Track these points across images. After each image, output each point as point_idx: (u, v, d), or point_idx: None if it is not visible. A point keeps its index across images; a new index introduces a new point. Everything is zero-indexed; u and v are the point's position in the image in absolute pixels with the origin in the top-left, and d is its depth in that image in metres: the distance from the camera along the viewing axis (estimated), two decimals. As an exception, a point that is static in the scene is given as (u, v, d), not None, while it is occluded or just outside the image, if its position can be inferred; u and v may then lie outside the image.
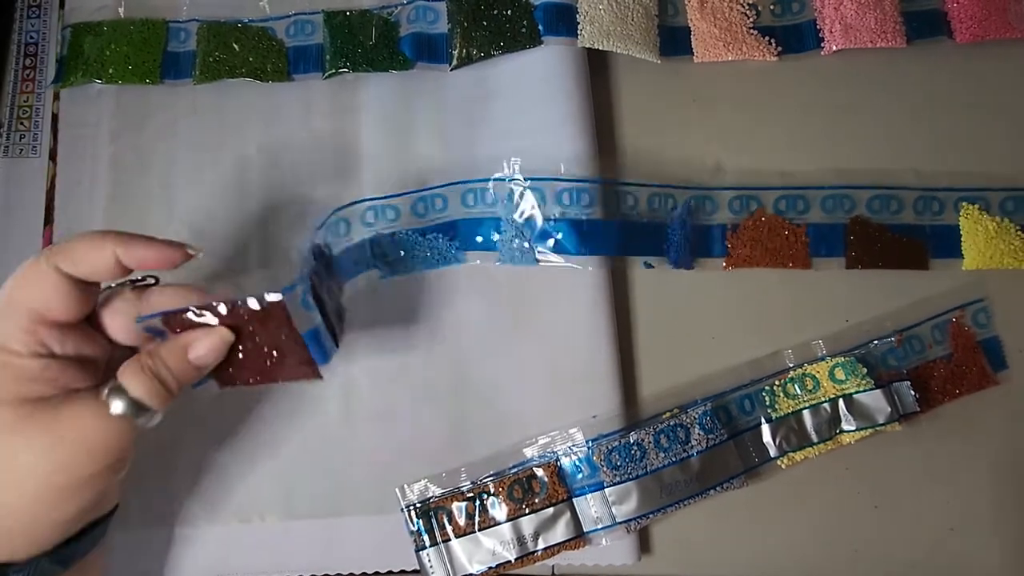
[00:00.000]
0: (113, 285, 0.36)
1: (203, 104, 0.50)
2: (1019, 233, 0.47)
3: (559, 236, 0.45)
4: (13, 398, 0.31)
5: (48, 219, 0.49)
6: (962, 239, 0.47)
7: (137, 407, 0.32)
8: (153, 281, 0.35)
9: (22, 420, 0.31)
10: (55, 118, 0.51)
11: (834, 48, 0.49)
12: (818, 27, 0.49)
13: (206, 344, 0.33)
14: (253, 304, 0.33)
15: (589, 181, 0.45)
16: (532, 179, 0.45)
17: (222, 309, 0.33)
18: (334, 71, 0.49)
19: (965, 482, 0.44)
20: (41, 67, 0.52)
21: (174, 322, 0.34)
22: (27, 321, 0.32)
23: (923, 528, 0.44)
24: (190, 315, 0.33)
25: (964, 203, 0.47)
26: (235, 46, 0.50)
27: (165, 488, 0.44)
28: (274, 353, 0.35)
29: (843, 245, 0.47)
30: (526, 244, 0.45)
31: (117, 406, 0.32)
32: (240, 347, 0.35)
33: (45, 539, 0.32)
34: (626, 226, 0.46)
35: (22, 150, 0.51)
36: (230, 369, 0.35)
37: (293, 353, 0.35)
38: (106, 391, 0.32)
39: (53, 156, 0.51)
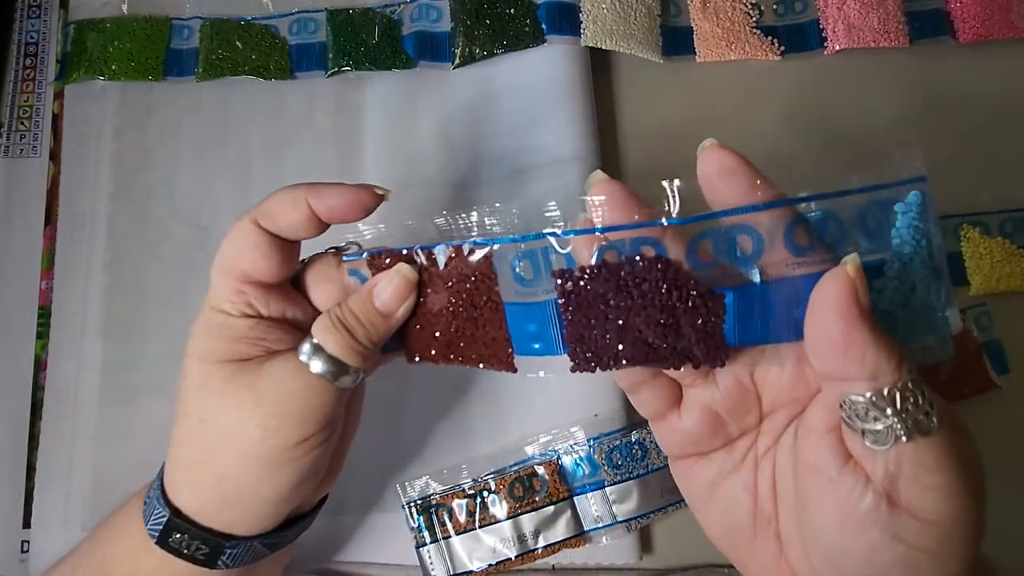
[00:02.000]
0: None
1: (206, 102, 0.50)
2: (1020, 250, 0.46)
3: None
4: (221, 357, 0.32)
5: (48, 219, 0.49)
6: (966, 265, 0.46)
7: (335, 364, 0.31)
8: (355, 248, 0.34)
9: (230, 379, 0.31)
10: (55, 118, 0.51)
11: (837, 48, 0.49)
12: (821, 27, 0.49)
13: (388, 286, 0.32)
14: (451, 251, 0.30)
15: None
16: None
17: (421, 254, 0.31)
18: (337, 69, 0.49)
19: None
20: (41, 67, 0.53)
21: (377, 265, 0.32)
22: (236, 282, 0.32)
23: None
24: (392, 259, 0.32)
25: (965, 225, 0.47)
26: (238, 44, 0.50)
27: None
28: (468, 324, 0.31)
29: None
30: None
31: (316, 364, 0.31)
32: (434, 310, 0.32)
33: (261, 517, 0.33)
34: None
35: (22, 150, 0.51)
36: (419, 336, 0.33)
37: (490, 327, 0.30)
38: (303, 348, 0.32)
39: (53, 156, 0.51)
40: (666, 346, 0.27)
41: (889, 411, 0.24)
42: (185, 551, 0.32)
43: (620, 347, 0.27)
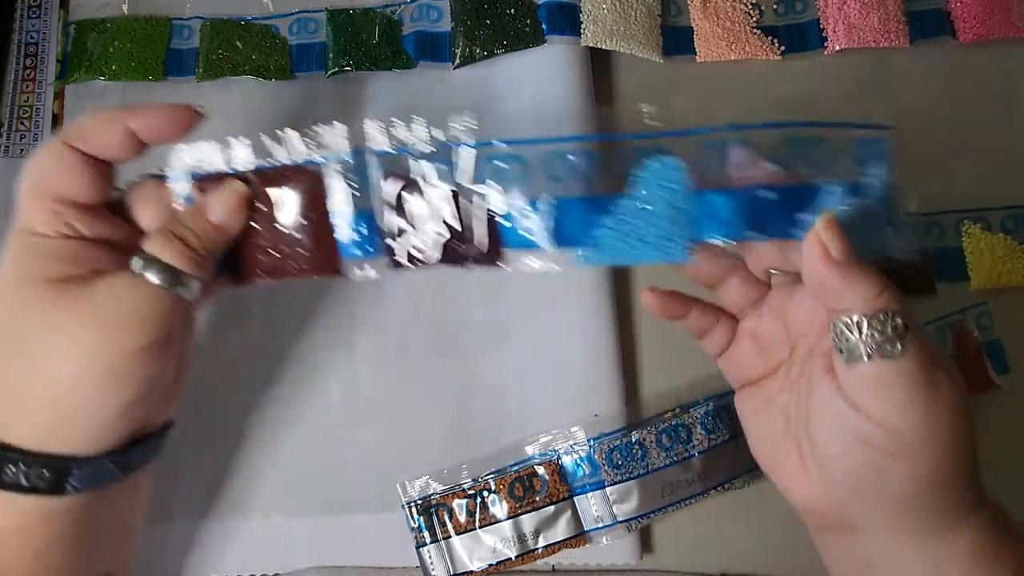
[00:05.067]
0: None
1: (207, 102, 0.50)
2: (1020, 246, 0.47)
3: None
4: (43, 277, 0.31)
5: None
6: (967, 260, 0.47)
7: (170, 273, 0.32)
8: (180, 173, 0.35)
9: (55, 296, 0.31)
10: (55, 117, 0.51)
11: (837, 48, 0.49)
12: (821, 27, 0.49)
13: (220, 199, 0.33)
14: (280, 170, 0.33)
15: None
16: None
17: (252, 174, 0.34)
18: (337, 69, 0.49)
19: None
20: (41, 67, 0.53)
21: (205, 186, 0.34)
22: (51, 203, 0.31)
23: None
24: (221, 180, 0.34)
25: (966, 221, 0.47)
26: (238, 43, 0.50)
27: (167, 485, 0.44)
28: (300, 236, 0.34)
29: None
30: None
31: (151, 274, 0.31)
32: (265, 226, 0.34)
33: (104, 432, 0.32)
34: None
35: (22, 150, 0.51)
36: (251, 254, 0.35)
37: (320, 237, 0.34)
38: (135, 262, 0.32)
39: (54, 155, 0.50)
40: (461, 242, 0.33)
41: (855, 335, 0.28)
42: (24, 482, 0.30)
43: (429, 245, 0.33)
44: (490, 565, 0.42)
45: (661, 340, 0.47)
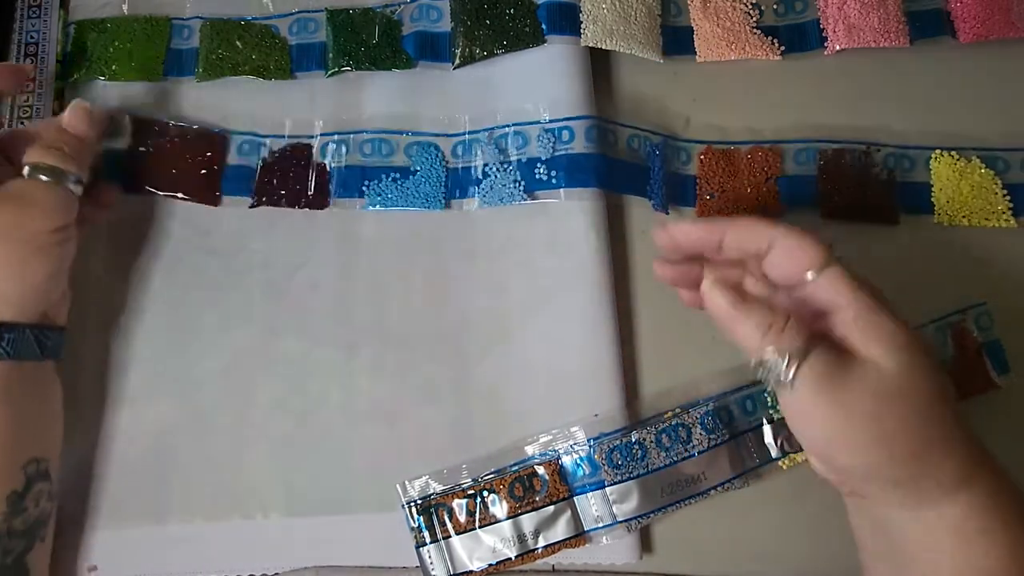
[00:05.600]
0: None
1: (206, 101, 0.50)
2: (995, 180, 0.47)
3: (544, 172, 0.47)
4: None
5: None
6: (932, 191, 0.47)
7: (54, 172, 0.41)
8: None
9: None
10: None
11: (837, 48, 0.49)
12: (821, 27, 0.49)
13: (71, 114, 0.43)
14: (196, 128, 0.49)
15: (571, 119, 0.47)
16: (517, 124, 0.48)
17: (127, 116, 0.48)
18: (337, 69, 0.49)
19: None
20: (41, 67, 0.52)
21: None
22: None
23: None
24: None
25: (937, 151, 0.48)
26: (238, 43, 0.50)
27: (166, 485, 0.45)
28: (198, 172, 0.48)
29: (816, 194, 0.48)
30: (514, 183, 0.47)
31: (41, 175, 0.40)
32: (169, 162, 0.48)
33: (26, 304, 0.40)
34: (609, 160, 0.47)
35: (23, 149, 0.51)
36: (154, 171, 0.48)
37: (209, 176, 0.48)
38: (24, 172, 0.40)
39: (53, 155, 0.51)
40: (294, 193, 0.48)
41: (762, 373, 0.34)
42: None
43: (279, 194, 0.48)
44: (490, 565, 0.42)
45: (661, 340, 0.47)
